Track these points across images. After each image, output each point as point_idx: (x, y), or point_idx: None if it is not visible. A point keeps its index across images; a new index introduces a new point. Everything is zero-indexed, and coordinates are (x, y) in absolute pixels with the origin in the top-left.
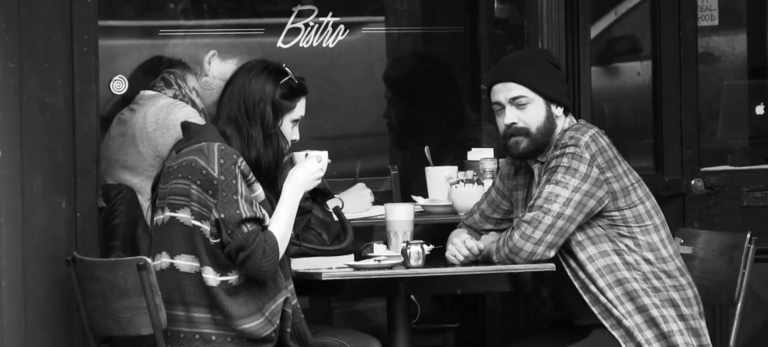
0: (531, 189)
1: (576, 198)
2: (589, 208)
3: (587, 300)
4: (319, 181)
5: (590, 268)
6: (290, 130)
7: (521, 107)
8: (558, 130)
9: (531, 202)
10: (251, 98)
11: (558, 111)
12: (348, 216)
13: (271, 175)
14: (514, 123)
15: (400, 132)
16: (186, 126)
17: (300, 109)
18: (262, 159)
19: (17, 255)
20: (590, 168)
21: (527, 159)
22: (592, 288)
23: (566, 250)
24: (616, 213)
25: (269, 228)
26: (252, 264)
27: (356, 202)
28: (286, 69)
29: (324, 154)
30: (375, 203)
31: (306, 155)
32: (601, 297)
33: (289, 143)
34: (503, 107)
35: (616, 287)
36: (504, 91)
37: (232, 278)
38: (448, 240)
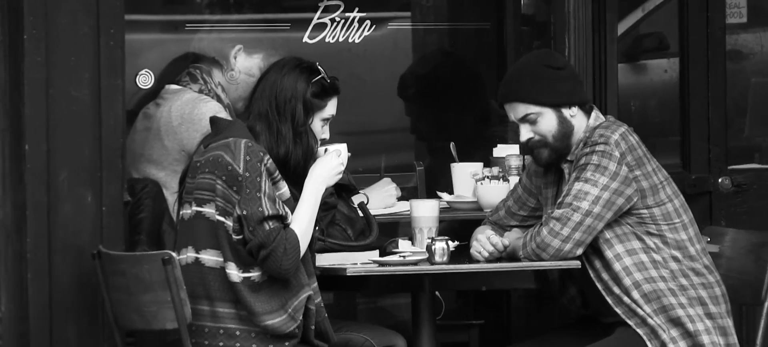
0: (561, 187)
1: (605, 196)
2: (617, 206)
3: (610, 302)
4: (341, 176)
5: (616, 267)
6: (320, 129)
7: (532, 123)
8: (580, 127)
9: (560, 199)
10: (283, 95)
11: (573, 111)
12: (373, 211)
13: (298, 173)
14: (530, 138)
15: (426, 128)
16: (214, 120)
17: (331, 108)
18: (290, 156)
19: (43, 248)
20: (620, 166)
21: (555, 164)
22: (616, 289)
23: (593, 249)
24: (645, 211)
25: (291, 226)
26: (272, 262)
27: (381, 197)
28: (319, 67)
29: (343, 147)
30: (400, 199)
31: (325, 150)
32: (625, 298)
33: (319, 142)
34: (516, 122)
35: (643, 285)
36: (512, 112)
37: (254, 274)
38: (472, 237)
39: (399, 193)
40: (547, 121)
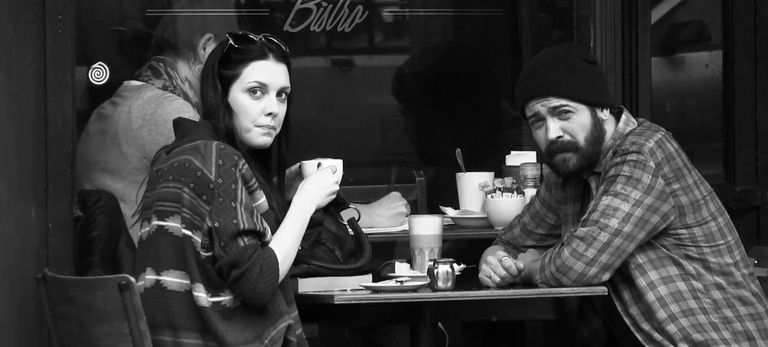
0: (585, 204)
1: (637, 213)
2: (652, 225)
3: (640, 339)
4: (334, 196)
5: (650, 297)
6: (250, 102)
7: (565, 117)
8: (608, 135)
9: (585, 216)
10: (201, 79)
11: (604, 114)
12: (376, 230)
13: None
14: (560, 136)
15: (427, 132)
16: (179, 123)
17: (252, 73)
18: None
19: None
20: (654, 178)
21: (579, 175)
22: (646, 326)
23: (622, 276)
24: (684, 231)
25: (270, 245)
26: (245, 283)
27: (388, 215)
28: (228, 34)
29: (339, 164)
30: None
31: (318, 165)
32: (656, 335)
33: (260, 120)
34: (543, 119)
35: (680, 319)
36: (543, 103)
37: (226, 299)
38: (481, 259)
39: (408, 210)
40: (582, 120)
